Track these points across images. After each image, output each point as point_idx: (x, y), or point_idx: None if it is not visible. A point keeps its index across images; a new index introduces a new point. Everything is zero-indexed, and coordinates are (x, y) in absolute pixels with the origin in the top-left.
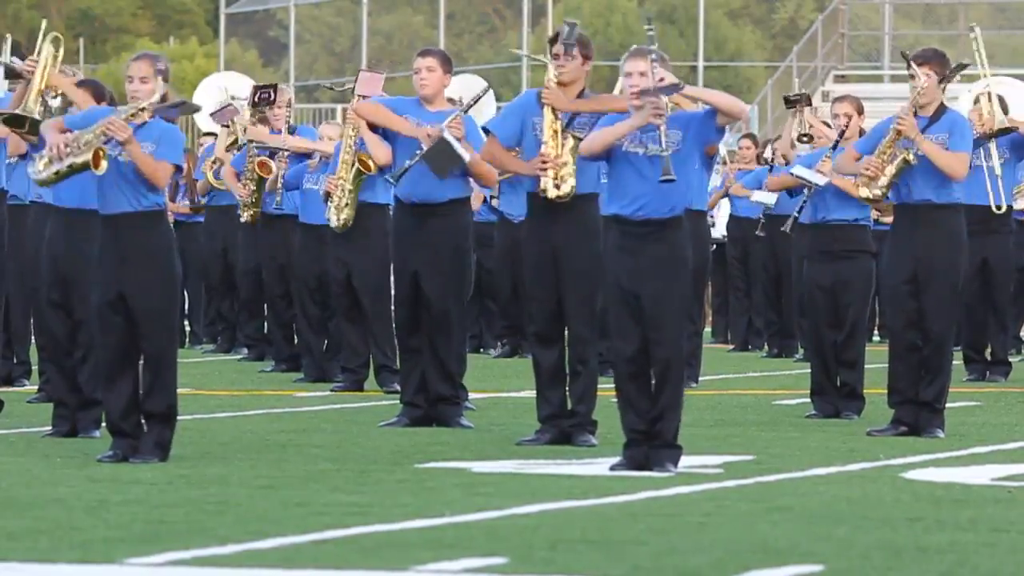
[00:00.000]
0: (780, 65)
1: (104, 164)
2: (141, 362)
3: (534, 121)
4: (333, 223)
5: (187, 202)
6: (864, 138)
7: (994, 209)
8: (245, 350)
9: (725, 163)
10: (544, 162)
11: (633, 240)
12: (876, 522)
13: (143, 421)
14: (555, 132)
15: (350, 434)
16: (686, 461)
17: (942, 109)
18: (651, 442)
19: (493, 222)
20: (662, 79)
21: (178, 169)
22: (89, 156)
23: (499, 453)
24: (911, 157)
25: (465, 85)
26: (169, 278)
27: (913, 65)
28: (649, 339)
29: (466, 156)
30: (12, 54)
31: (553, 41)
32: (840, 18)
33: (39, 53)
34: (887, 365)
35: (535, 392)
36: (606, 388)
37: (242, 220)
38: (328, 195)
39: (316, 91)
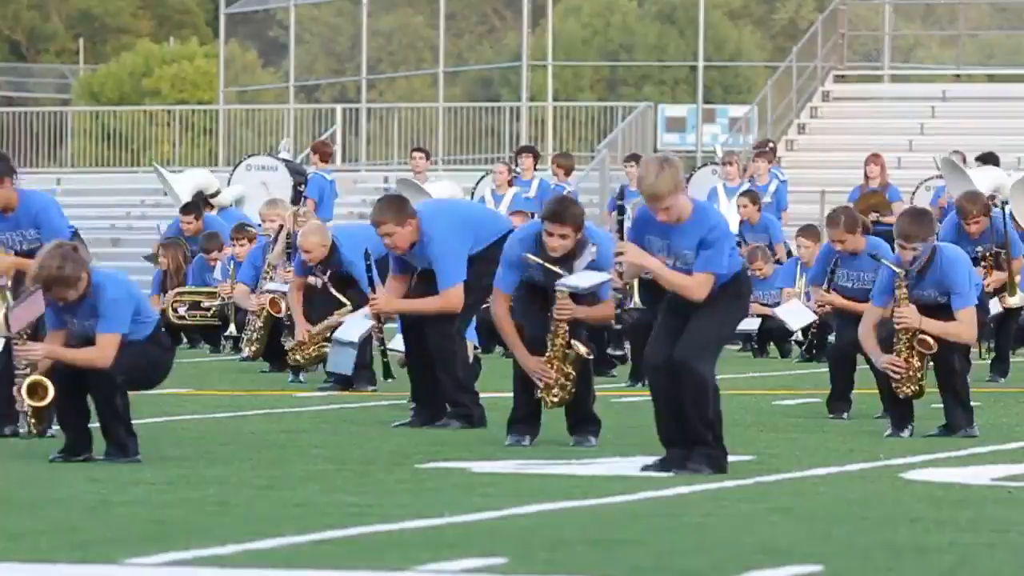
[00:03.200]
0: (780, 65)
1: (49, 387)
2: None
3: (529, 268)
4: (245, 352)
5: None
6: (881, 289)
7: None
8: (245, 351)
9: (729, 163)
10: (543, 369)
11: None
12: (876, 522)
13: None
14: (561, 347)
15: (350, 434)
16: None
17: (931, 256)
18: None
19: None
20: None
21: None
22: (37, 401)
23: (499, 453)
24: (931, 340)
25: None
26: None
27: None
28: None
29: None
30: (13, 52)
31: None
32: (840, 18)
33: None
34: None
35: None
36: (606, 388)
37: (243, 354)
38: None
39: (316, 91)
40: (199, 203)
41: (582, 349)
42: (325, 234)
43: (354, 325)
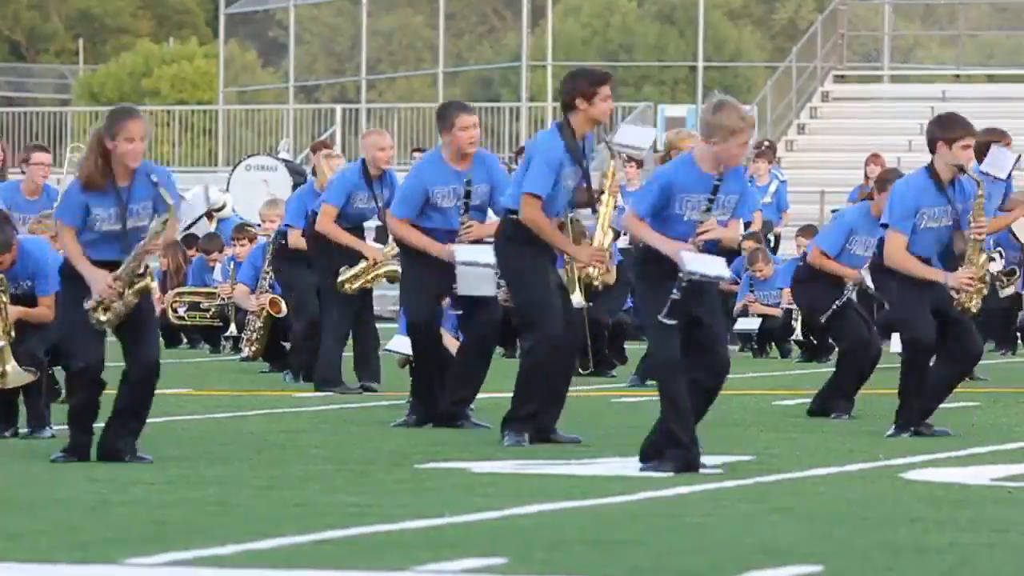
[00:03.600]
0: (780, 65)
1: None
2: None
3: (562, 163)
4: (245, 352)
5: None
6: (901, 216)
7: None
8: (245, 350)
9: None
10: (598, 252)
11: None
12: (876, 522)
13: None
14: (605, 227)
15: (350, 434)
16: None
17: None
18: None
19: None
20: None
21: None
22: None
23: (499, 453)
24: (993, 254)
25: None
26: None
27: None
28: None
29: (491, 261)
30: (13, 53)
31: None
32: (840, 18)
33: None
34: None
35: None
36: (606, 389)
37: (243, 354)
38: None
39: (316, 91)
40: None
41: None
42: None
43: (474, 248)
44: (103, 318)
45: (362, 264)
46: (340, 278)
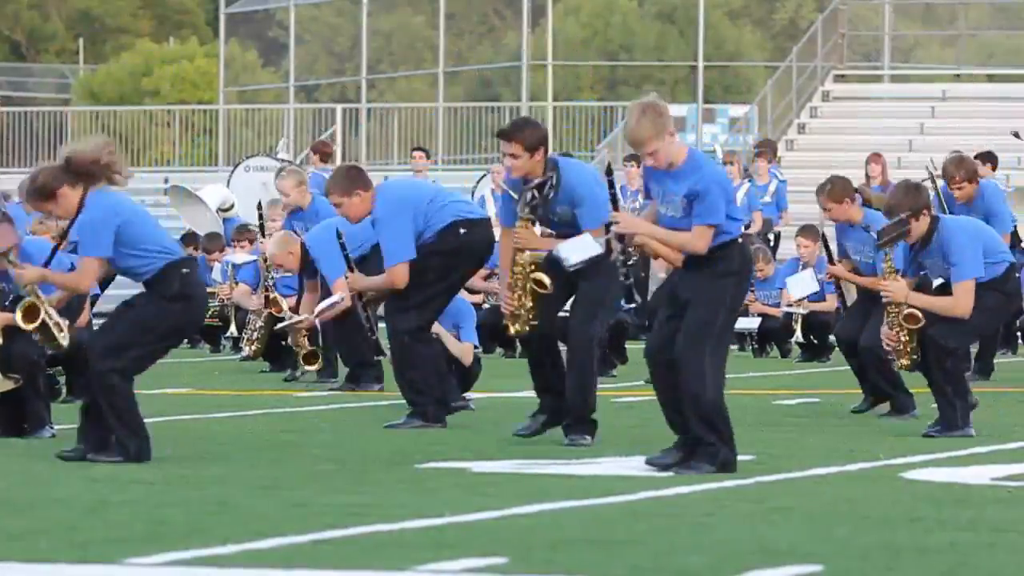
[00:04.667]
0: (780, 65)
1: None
2: None
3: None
4: (245, 352)
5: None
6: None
7: None
8: (245, 350)
9: (729, 163)
10: (506, 298)
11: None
12: (876, 522)
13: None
14: (524, 274)
15: (350, 434)
16: None
17: (932, 228)
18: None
19: None
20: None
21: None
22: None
23: (499, 453)
24: (918, 313)
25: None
26: None
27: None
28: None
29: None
30: (13, 52)
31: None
32: (840, 18)
33: None
34: None
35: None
36: (606, 389)
37: (243, 353)
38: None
39: (316, 91)
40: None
41: (545, 280)
42: (291, 241)
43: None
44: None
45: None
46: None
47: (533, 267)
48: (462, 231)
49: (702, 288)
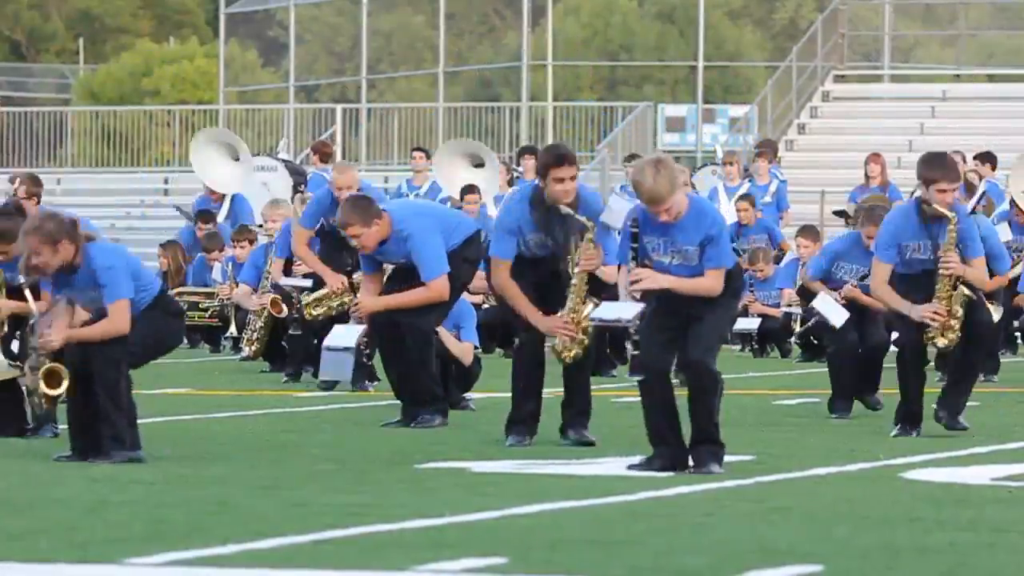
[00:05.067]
0: (780, 65)
1: (66, 377)
2: None
3: (522, 229)
4: (245, 352)
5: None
6: (885, 246)
7: None
8: (245, 350)
9: (729, 163)
10: (564, 325)
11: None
12: (876, 522)
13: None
14: (581, 298)
15: (350, 434)
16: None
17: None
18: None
19: None
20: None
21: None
22: (52, 389)
23: (499, 453)
24: (967, 291)
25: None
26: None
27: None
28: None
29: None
30: (13, 52)
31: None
32: (840, 18)
33: None
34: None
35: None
36: (606, 388)
37: (243, 353)
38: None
39: (316, 91)
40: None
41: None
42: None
43: (345, 331)
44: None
45: (324, 290)
46: (304, 301)
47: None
48: (483, 237)
49: (709, 303)
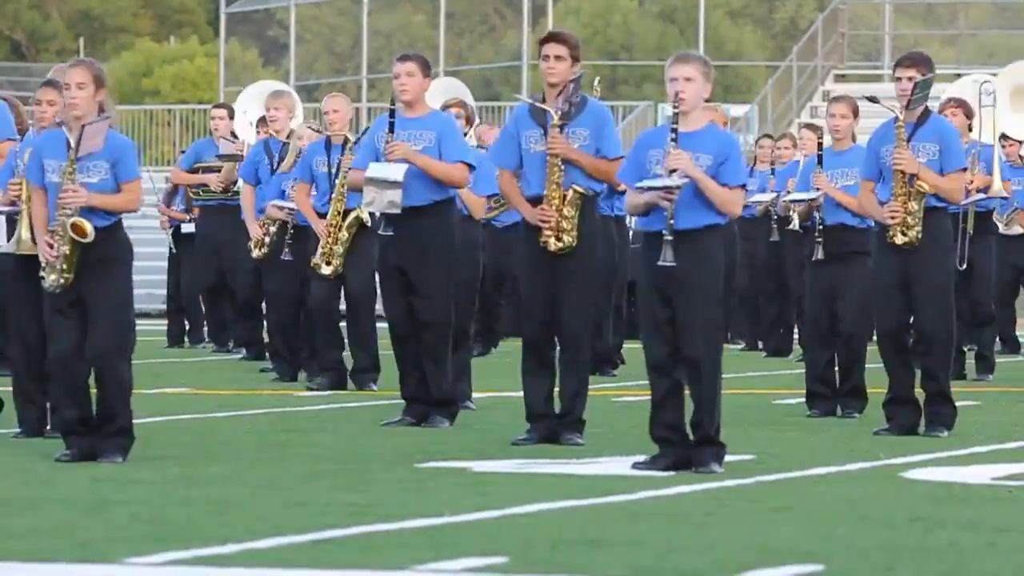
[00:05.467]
0: (780, 65)
1: (89, 229)
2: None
3: (527, 135)
4: (325, 271)
5: (183, 207)
6: (866, 163)
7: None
8: (244, 350)
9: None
10: (545, 217)
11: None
12: (876, 522)
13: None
14: (557, 185)
15: (350, 434)
16: None
17: (927, 113)
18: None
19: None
20: (673, 172)
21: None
22: (74, 236)
23: (499, 453)
24: (925, 187)
25: (447, 88)
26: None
27: (899, 70)
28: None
29: (398, 178)
30: (13, 52)
31: (546, 40)
32: (840, 18)
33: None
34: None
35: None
36: (606, 388)
37: (253, 256)
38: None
39: (316, 91)
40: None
41: (580, 188)
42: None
43: (387, 166)
44: (50, 279)
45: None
46: (314, 262)
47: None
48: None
49: (699, 288)
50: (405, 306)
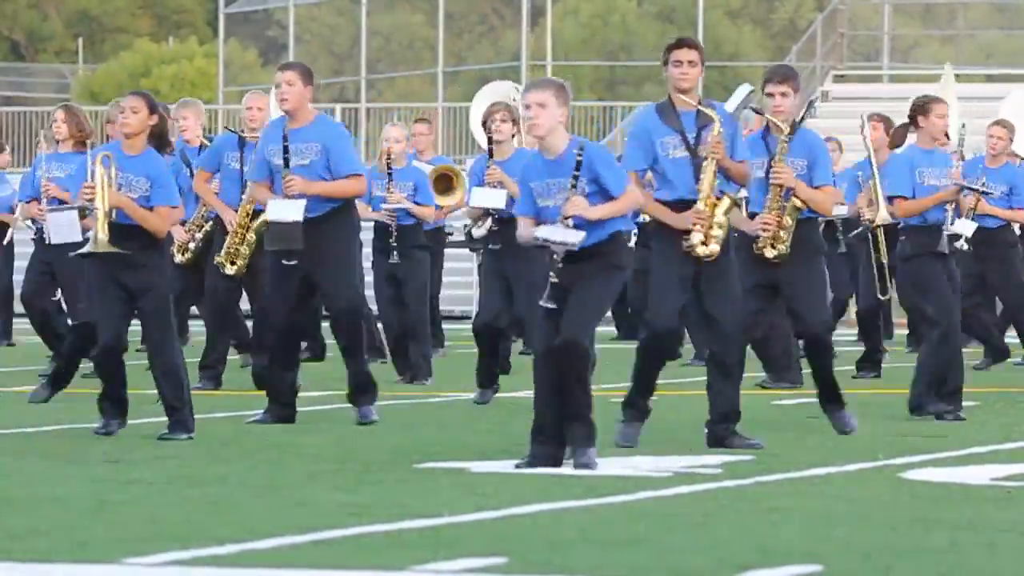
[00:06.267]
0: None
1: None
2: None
3: (661, 141)
4: (229, 271)
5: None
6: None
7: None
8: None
9: None
10: (698, 219)
11: None
12: (876, 522)
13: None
14: (711, 189)
15: (350, 434)
16: (686, 461)
17: (795, 127)
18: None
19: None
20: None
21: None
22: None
23: (499, 453)
24: (799, 203)
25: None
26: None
27: (771, 86)
28: None
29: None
30: (12, 52)
31: (677, 46)
32: (839, 18)
33: (92, 177)
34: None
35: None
36: (606, 388)
37: (176, 261)
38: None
39: (315, 91)
40: None
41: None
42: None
43: (284, 206)
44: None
45: (228, 238)
46: (217, 261)
47: None
48: None
49: (594, 276)
50: (295, 303)
